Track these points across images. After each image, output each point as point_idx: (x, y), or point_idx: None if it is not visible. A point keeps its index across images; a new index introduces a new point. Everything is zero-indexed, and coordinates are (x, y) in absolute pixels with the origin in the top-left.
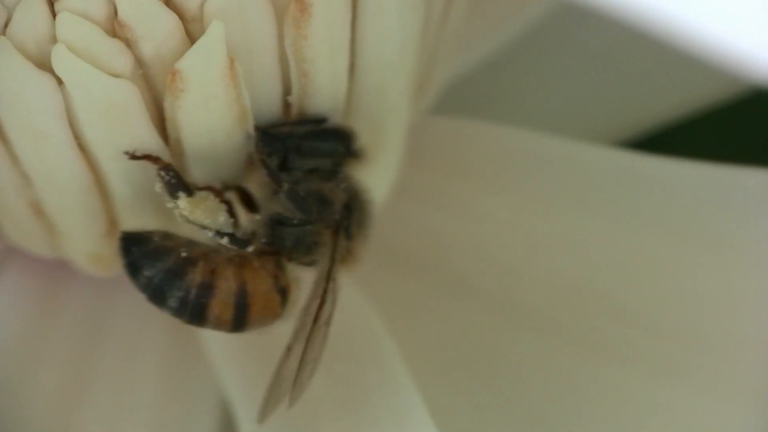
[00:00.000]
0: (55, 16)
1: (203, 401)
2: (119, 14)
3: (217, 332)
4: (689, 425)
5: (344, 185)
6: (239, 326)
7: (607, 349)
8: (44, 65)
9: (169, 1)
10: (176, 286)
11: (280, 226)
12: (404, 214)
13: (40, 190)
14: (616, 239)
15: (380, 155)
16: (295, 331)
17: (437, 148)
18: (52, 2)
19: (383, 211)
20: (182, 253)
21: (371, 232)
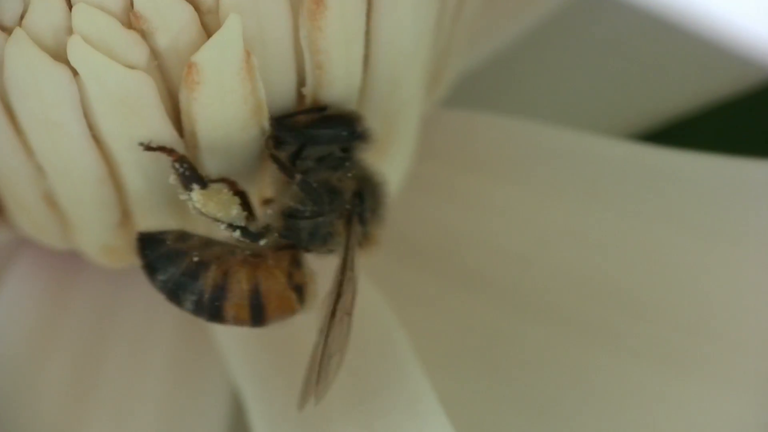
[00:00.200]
0: (71, 7)
1: (213, 392)
2: (135, 6)
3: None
4: (698, 416)
5: (353, 172)
6: (259, 323)
7: (616, 340)
8: (60, 57)
9: None
10: (190, 290)
11: (293, 219)
12: (416, 205)
13: (53, 181)
14: (625, 231)
15: (393, 147)
16: (320, 323)
17: (449, 140)
18: None
19: (395, 202)
20: (195, 257)
21: (387, 213)
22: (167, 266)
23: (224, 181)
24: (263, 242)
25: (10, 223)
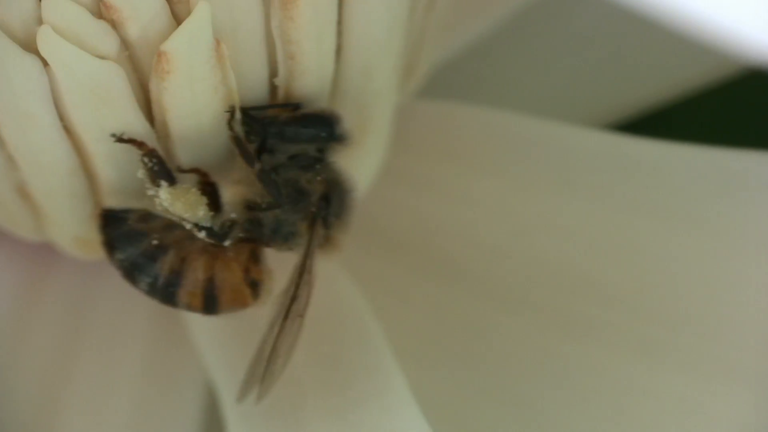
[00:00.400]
0: None
1: (188, 384)
2: None
3: (201, 317)
4: (674, 406)
5: (323, 176)
6: (211, 312)
7: (592, 331)
8: (30, 47)
9: None
10: (146, 272)
11: (254, 211)
12: (391, 197)
13: (25, 172)
14: (604, 222)
15: (367, 138)
16: (271, 321)
17: (425, 131)
18: None
19: (370, 193)
20: (154, 240)
21: (351, 220)
22: (126, 245)
23: (196, 171)
24: (227, 242)
25: None
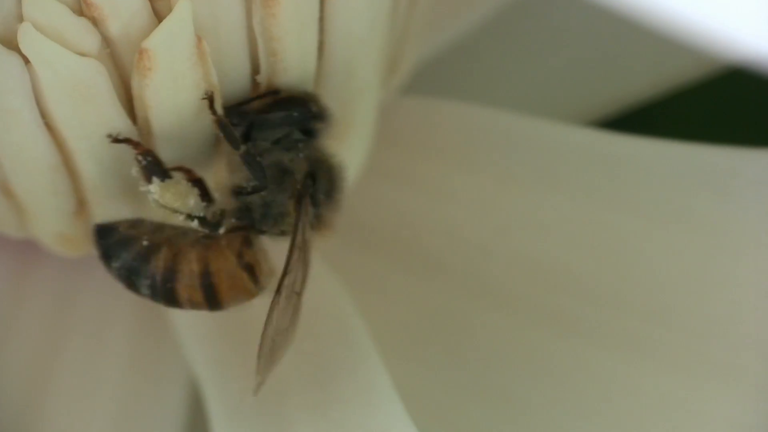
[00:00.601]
0: None
1: (171, 379)
2: None
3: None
4: (660, 402)
5: (306, 153)
6: (215, 306)
7: (576, 327)
8: (11, 44)
9: None
10: (143, 273)
11: (241, 196)
12: (375, 193)
13: (8, 169)
14: (587, 218)
15: (350, 134)
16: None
17: (408, 127)
18: None
19: (354, 190)
20: (144, 241)
21: (343, 198)
22: (119, 252)
23: (180, 169)
24: (221, 230)
25: None
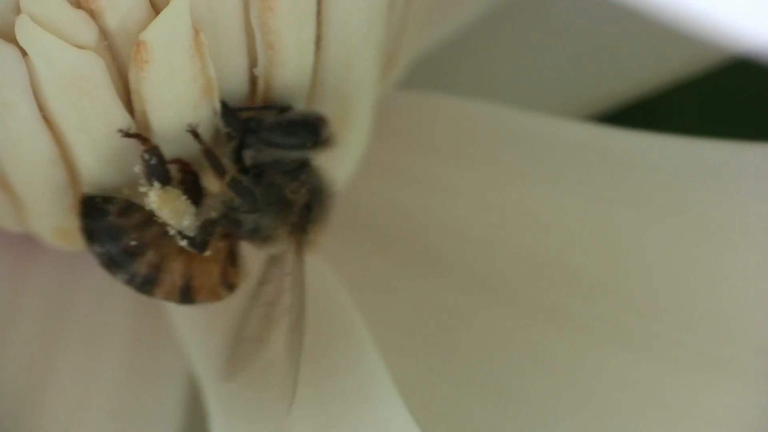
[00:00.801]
0: None
1: (170, 376)
2: None
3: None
4: (655, 396)
5: (308, 186)
6: (187, 304)
7: (575, 322)
8: (8, 36)
9: None
10: (123, 268)
11: (233, 211)
12: (373, 188)
13: (5, 163)
14: (586, 214)
15: (348, 129)
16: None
17: (407, 122)
18: None
19: (351, 185)
20: (132, 241)
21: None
22: (105, 240)
23: (177, 161)
24: (207, 253)
25: None
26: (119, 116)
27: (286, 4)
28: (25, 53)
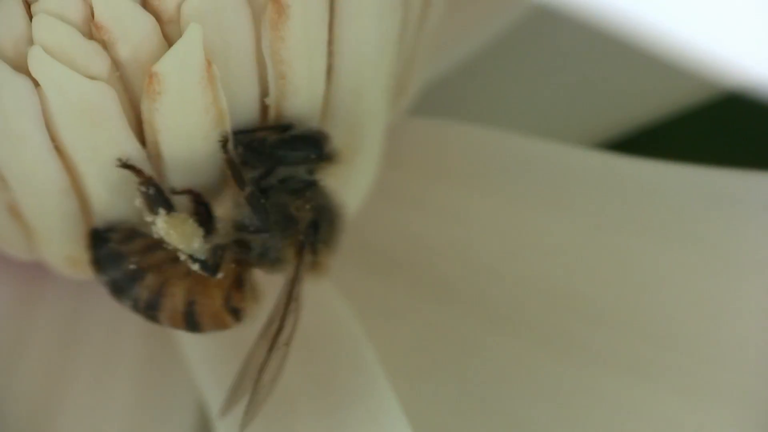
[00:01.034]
0: (31, 17)
1: (180, 404)
2: (96, 16)
3: (193, 337)
4: (664, 425)
5: (313, 203)
6: (195, 331)
7: (585, 351)
8: (21, 67)
9: (146, 2)
10: (127, 294)
11: (242, 233)
12: (383, 215)
13: (17, 192)
14: (595, 241)
15: (358, 157)
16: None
17: (416, 149)
18: (29, 4)
19: (362, 212)
20: (132, 265)
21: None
22: (109, 266)
23: (189, 192)
24: (219, 275)
25: None
26: (130, 146)
27: (297, 34)
28: (37, 84)
